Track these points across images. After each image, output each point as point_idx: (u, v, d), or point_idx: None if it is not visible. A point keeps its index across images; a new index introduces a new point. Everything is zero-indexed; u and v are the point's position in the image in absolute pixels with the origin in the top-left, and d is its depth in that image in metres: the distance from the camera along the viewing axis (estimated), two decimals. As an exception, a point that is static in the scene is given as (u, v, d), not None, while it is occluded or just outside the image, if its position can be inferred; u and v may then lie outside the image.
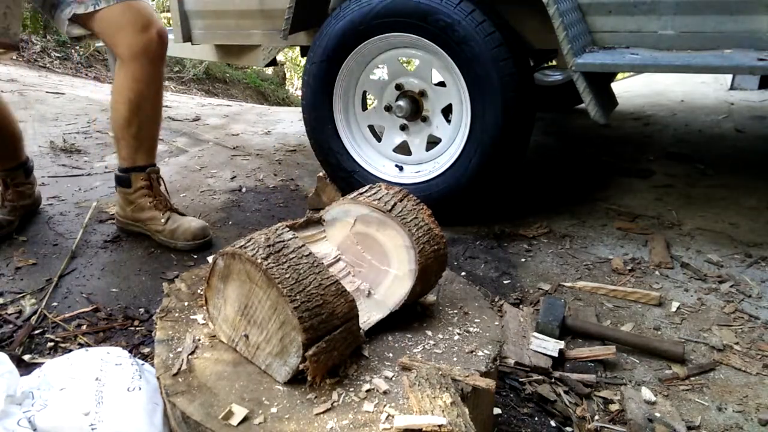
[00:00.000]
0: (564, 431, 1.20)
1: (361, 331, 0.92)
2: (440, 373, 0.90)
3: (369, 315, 1.01)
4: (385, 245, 1.06)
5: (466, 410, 0.85)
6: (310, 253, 0.91)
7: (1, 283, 1.66)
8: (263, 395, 0.86)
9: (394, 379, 0.91)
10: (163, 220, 1.89)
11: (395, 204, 1.06)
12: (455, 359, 0.96)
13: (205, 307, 1.00)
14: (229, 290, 0.93)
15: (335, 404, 0.84)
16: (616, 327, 1.53)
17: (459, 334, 1.03)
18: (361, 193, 1.11)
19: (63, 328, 1.48)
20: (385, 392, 0.87)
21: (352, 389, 0.88)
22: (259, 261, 0.85)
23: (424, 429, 0.81)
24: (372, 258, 1.08)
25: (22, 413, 0.91)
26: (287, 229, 0.94)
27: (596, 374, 1.35)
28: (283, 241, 0.90)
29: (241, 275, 0.90)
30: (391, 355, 0.97)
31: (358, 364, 0.93)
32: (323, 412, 0.83)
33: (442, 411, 0.83)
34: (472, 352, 0.98)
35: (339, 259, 1.10)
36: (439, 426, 0.80)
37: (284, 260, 0.87)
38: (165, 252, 1.88)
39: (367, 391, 0.88)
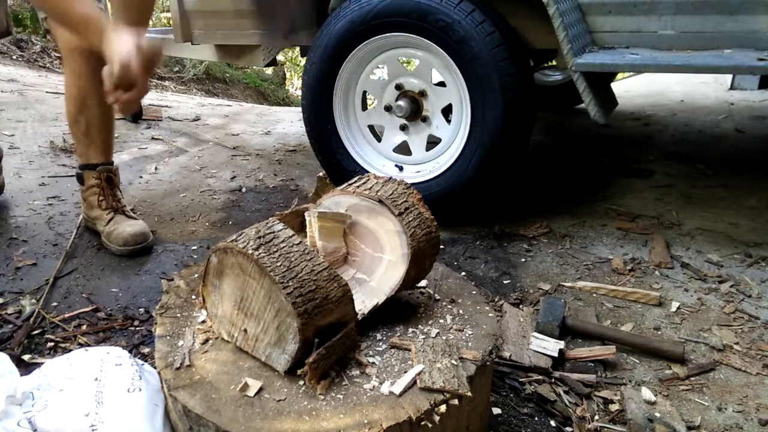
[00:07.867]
0: (564, 431, 1.20)
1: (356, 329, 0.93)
2: (445, 342, 0.96)
3: (365, 302, 1.02)
4: (377, 232, 1.07)
5: (464, 373, 0.89)
6: (301, 241, 0.92)
7: (1, 283, 1.66)
8: (264, 386, 0.88)
9: (386, 358, 0.94)
10: (105, 221, 1.87)
11: (384, 191, 1.07)
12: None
13: (203, 306, 1.01)
14: (225, 286, 0.94)
15: (333, 392, 0.87)
16: (616, 327, 1.53)
17: (453, 325, 1.04)
18: (350, 184, 1.12)
19: (63, 328, 1.48)
20: (379, 369, 0.91)
21: (349, 373, 0.91)
22: (250, 252, 0.86)
23: (419, 385, 0.86)
24: (365, 246, 1.08)
25: (22, 414, 0.91)
26: (277, 221, 0.95)
27: (596, 374, 1.35)
28: (273, 232, 0.91)
29: (234, 269, 0.91)
30: (383, 340, 0.99)
31: (353, 350, 0.96)
32: (323, 400, 0.85)
33: (439, 371, 0.87)
34: (466, 341, 0.99)
35: None
36: (419, 373, 0.87)
37: (275, 249, 0.88)
38: (165, 252, 1.88)
39: (364, 372, 0.91)
